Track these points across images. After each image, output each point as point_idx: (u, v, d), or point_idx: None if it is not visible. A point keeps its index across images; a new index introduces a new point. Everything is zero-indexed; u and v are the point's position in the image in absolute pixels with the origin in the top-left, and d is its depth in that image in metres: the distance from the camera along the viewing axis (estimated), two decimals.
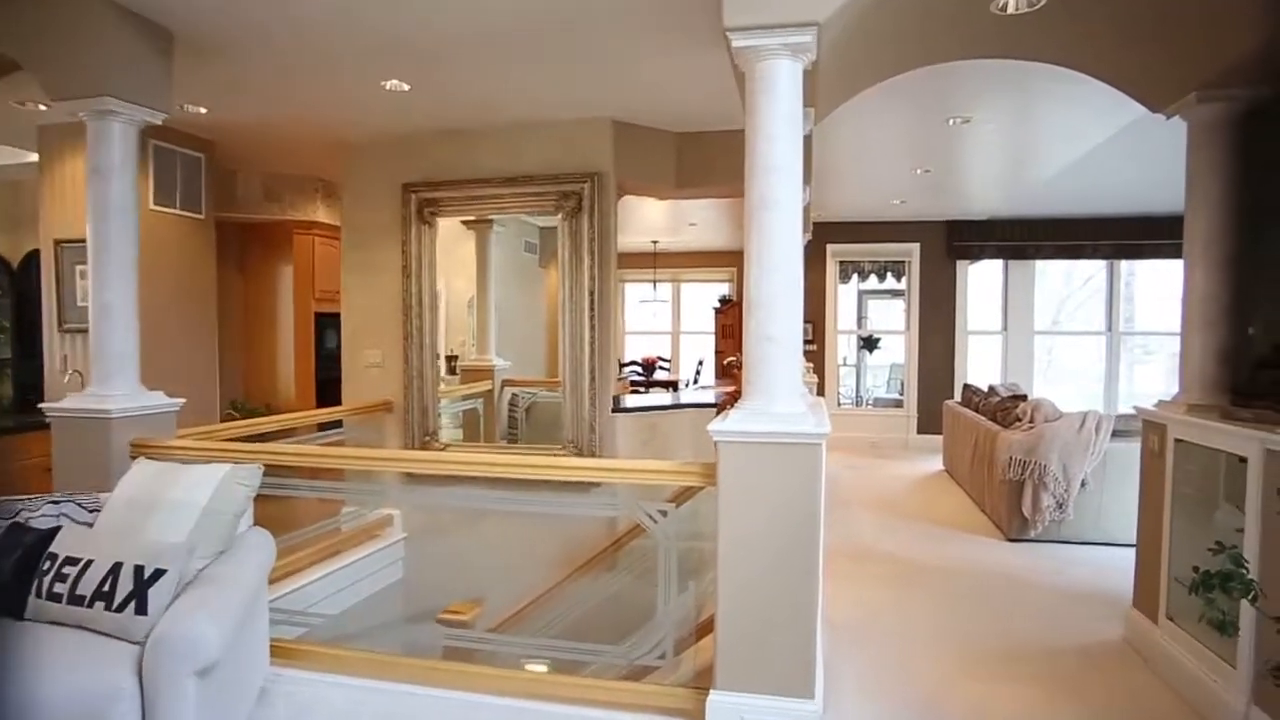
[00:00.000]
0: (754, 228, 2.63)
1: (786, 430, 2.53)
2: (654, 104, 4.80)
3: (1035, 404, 5.66)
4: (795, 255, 2.66)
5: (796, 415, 2.57)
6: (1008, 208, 8.83)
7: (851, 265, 9.91)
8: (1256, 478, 2.78)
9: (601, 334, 5.03)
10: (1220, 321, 3.39)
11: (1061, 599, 4.32)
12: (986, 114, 5.08)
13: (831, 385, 9.91)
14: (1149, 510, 3.63)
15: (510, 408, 6.29)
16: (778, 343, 2.60)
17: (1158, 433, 3.52)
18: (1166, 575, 3.41)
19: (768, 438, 2.54)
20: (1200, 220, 3.44)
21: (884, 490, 7.21)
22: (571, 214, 5.00)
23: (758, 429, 2.54)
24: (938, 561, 4.98)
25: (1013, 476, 5.35)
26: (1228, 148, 3.38)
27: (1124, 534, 5.20)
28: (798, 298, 2.65)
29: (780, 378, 2.61)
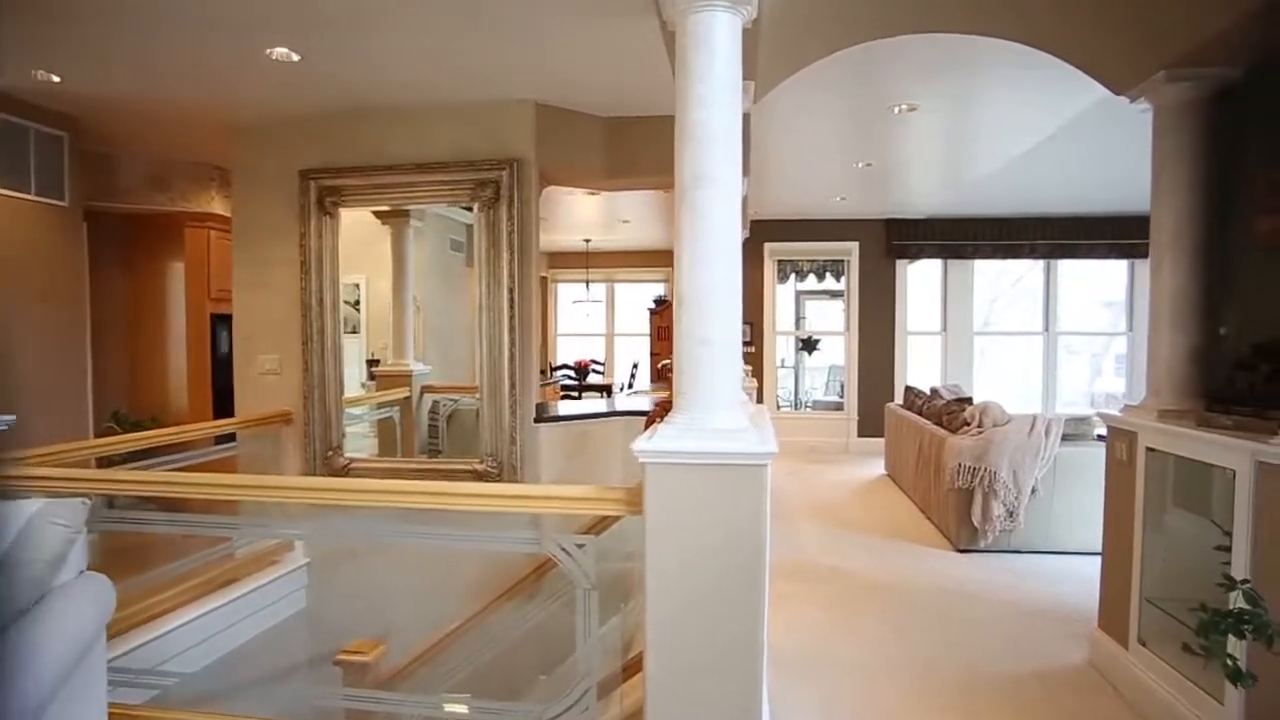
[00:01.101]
0: (686, 210, 2.23)
1: (725, 449, 2.12)
2: (580, 85, 4.38)
3: (983, 407, 5.41)
4: (734, 242, 2.26)
5: (737, 430, 2.17)
6: (947, 206, 8.68)
7: (790, 265, 9.64)
8: (1245, 492, 2.49)
9: (522, 336, 4.58)
10: (1190, 318, 3.12)
11: (1019, 617, 4.04)
12: (933, 102, 4.80)
13: (770, 388, 9.62)
14: (1116, 525, 3.35)
15: (431, 416, 5.78)
16: (714, 345, 2.20)
17: (1125, 440, 3.24)
18: (1138, 596, 3.13)
19: (703, 458, 2.13)
20: (1168, 209, 3.17)
21: (826, 498, 6.91)
22: (489, 204, 4.53)
23: (691, 448, 2.13)
24: (887, 577, 4.66)
25: (962, 484, 5.08)
26: (1196, 131, 3.12)
27: (1075, 542, 5.00)
28: (736, 292, 2.26)
29: (718, 386, 2.20)
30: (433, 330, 5.81)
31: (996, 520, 4.98)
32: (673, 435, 2.16)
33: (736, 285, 2.26)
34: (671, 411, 2.29)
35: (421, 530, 2.82)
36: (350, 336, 5.80)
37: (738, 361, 2.29)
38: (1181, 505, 3.09)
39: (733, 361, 2.25)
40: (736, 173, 2.27)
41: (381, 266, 5.50)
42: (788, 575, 4.68)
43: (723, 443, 2.13)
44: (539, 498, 2.40)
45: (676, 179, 2.28)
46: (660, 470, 2.17)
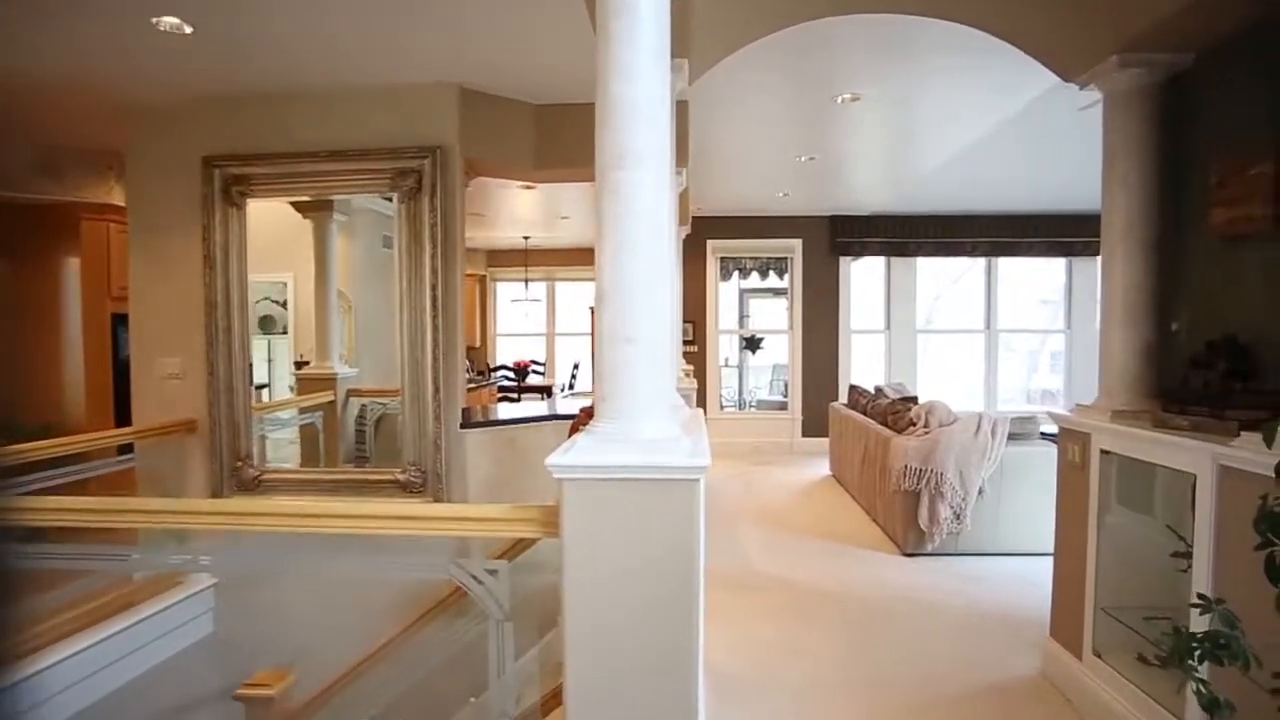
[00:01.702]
0: (607, 193, 1.98)
1: (652, 462, 1.88)
2: (507, 69, 4.09)
3: (929, 407, 5.29)
4: (662, 228, 2.02)
5: (666, 441, 1.93)
6: (891, 203, 8.61)
7: (733, 262, 9.47)
8: (1207, 497, 2.34)
9: (447, 336, 4.27)
10: (1143, 315, 2.99)
11: (969, 624, 3.89)
12: (876, 92, 4.64)
13: (713, 388, 9.44)
14: (1068, 531, 3.21)
15: (359, 422, 5.43)
16: (640, 345, 1.95)
17: (1078, 442, 3.10)
18: (1092, 606, 2.99)
19: (627, 472, 1.88)
20: (1119, 202, 3.04)
21: (770, 501, 6.74)
22: (410, 195, 4.22)
23: (613, 461, 1.88)
24: (833, 584, 4.48)
25: (908, 487, 4.94)
26: (1148, 120, 2.99)
27: (1022, 543, 4.91)
28: (665, 285, 2.02)
29: (644, 391, 1.96)
30: (366, 331, 5.46)
31: (944, 523, 4.85)
32: (592, 447, 1.91)
33: (665, 277, 2.02)
34: (592, 420, 2.03)
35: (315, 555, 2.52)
36: (278, 338, 5.44)
37: (667, 363, 2.05)
38: (1137, 509, 2.96)
39: (662, 363, 2.01)
40: (664, 151, 2.03)
41: (308, 263, 5.15)
42: (729, 585, 4.47)
43: (649, 455, 1.89)
44: (441, 519, 2.12)
45: (597, 159, 2.02)
46: (578, 487, 1.91)
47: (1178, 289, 3.01)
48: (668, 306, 2.04)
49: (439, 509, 2.06)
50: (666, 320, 2.03)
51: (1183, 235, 2.99)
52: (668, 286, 2.03)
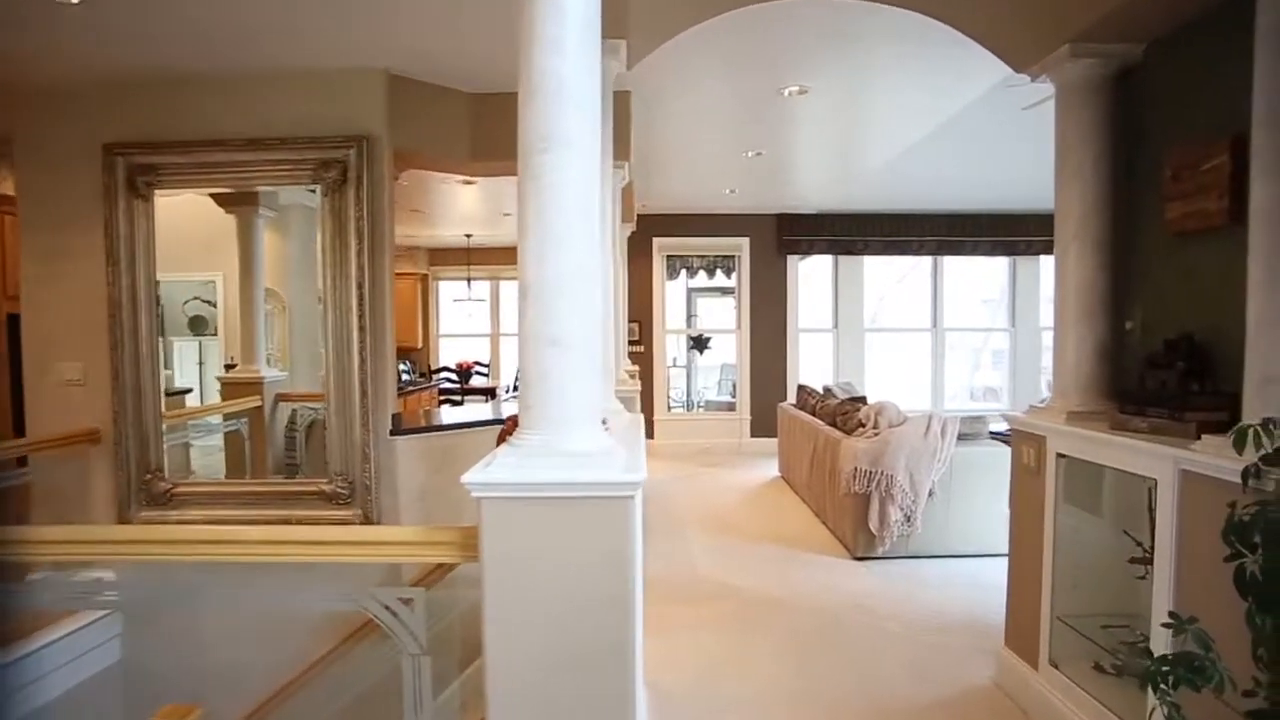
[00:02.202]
0: (530, 179, 1.78)
1: (581, 478, 1.69)
2: (439, 54, 3.85)
3: (878, 408, 5.19)
4: (591, 218, 1.83)
5: (597, 454, 1.74)
6: (838, 201, 8.55)
7: (680, 260, 9.32)
8: (1169, 503, 2.24)
9: (375, 337, 4.01)
10: (1098, 313, 2.90)
11: (921, 634, 3.77)
12: (824, 84, 4.51)
13: (661, 388, 9.28)
14: (1023, 537, 3.10)
15: (289, 428, 5.11)
16: (568, 348, 1.75)
17: (1033, 445, 2.99)
18: (1049, 615, 2.88)
19: (553, 490, 1.69)
20: (1073, 196, 2.94)
21: (718, 504, 6.59)
22: (334, 187, 3.94)
23: (536, 477, 1.68)
24: (782, 592, 4.34)
25: (858, 489, 4.83)
26: (1100, 112, 2.90)
27: (973, 545, 4.85)
28: (595, 282, 1.82)
29: (572, 399, 1.76)
30: (301, 332, 5.15)
31: (894, 526, 4.75)
32: (514, 463, 1.71)
33: (595, 273, 1.82)
34: (516, 430, 1.83)
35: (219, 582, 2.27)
36: (211, 339, 5.10)
37: (599, 367, 1.85)
38: (1093, 513, 2.86)
39: (592, 368, 1.81)
40: (595, 134, 1.83)
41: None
42: (674, 595, 4.30)
43: (577, 470, 1.70)
44: (346, 543, 1.89)
45: (520, 141, 1.83)
46: (498, 507, 1.71)
47: (1132, 286, 2.92)
48: (599, 305, 1.84)
49: (344, 533, 1.83)
50: (597, 321, 1.84)
51: (1137, 231, 2.90)
52: (598, 283, 1.83)
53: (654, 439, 9.07)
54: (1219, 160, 2.46)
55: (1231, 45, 2.48)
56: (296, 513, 4.07)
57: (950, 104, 4.98)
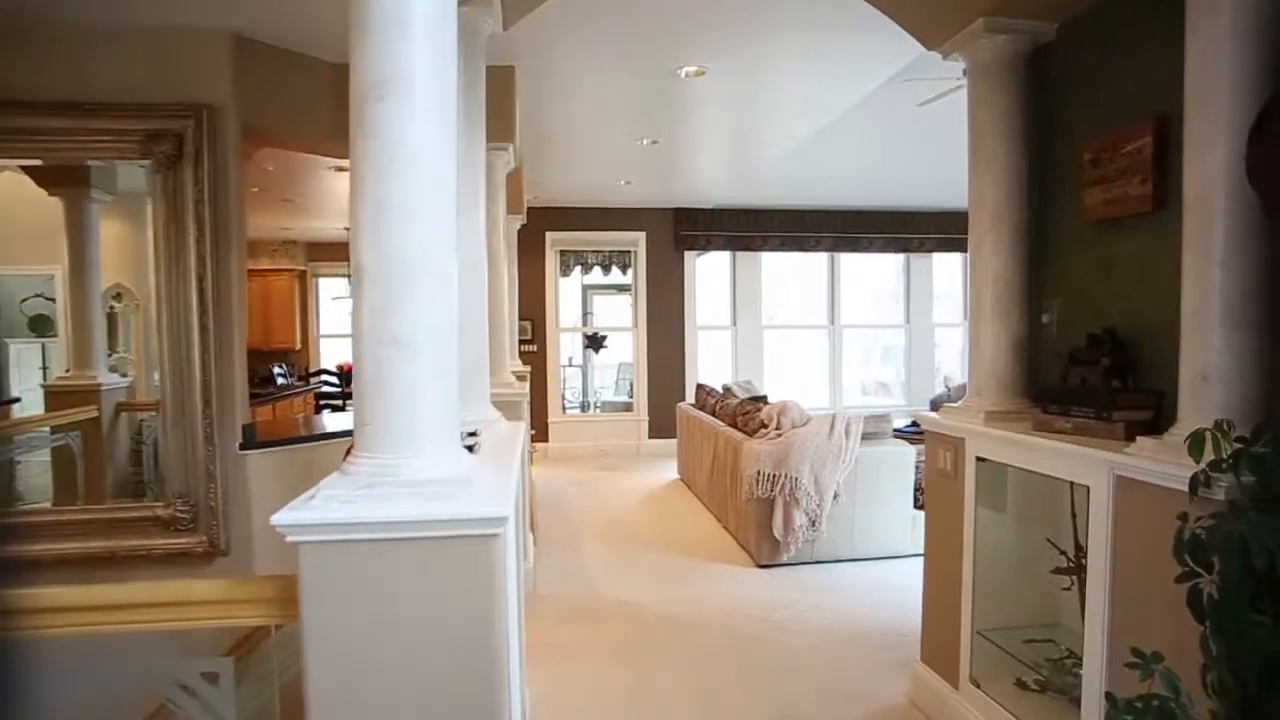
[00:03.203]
0: (365, 134, 1.40)
1: (430, 514, 1.32)
2: (296, 16, 3.37)
3: (781, 408, 4.98)
4: (444, 185, 1.46)
5: (452, 482, 1.37)
6: (736, 196, 8.39)
7: (573, 256, 8.95)
8: (1103, 511, 2.04)
9: (220, 339, 3.49)
10: (1015, 307, 2.72)
11: (831, 647, 3.56)
12: (722, 65, 4.24)
13: (555, 389, 8.89)
14: (939, 548, 2.91)
15: (135, 441, 4.47)
16: (413, 348, 1.38)
17: (950, 448, 2.79)
18: (969, 630, 2.68)
19: (393, 530, 1.32)
20: (987, 184, 2.75)
21: (616, 510, 6.28)
22: (167, 163, 3.39)
23: (371, 515, 1.31)
24: (684, 608, 4.05)
25: (761, 494, 4.60)
26: (1015, 93, 2.72)
27: (879, 547, 4.73)
28: (449, 263, 1.46)
29: (421, 413, 1.40)
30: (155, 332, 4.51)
31: (799, 531, 4.55)
32: (342, 496, 1.33)
33: (449, 253, 1.46)
34: (350, 453, 1.44)
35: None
36: (54, 341, 4.41)
37: (455, 371, 1.49)
38: (1013, 519, 2.68)
39: (445, 371, 1.44)
40: (447, 81, 1.46)
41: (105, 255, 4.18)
42: (570, 616, 3.95)
43: (425, 504, 1.33)
44: (119, 606, 1.45)
45: (352, 88, 1.44)
46: (321, 554, 1.32)
47: (1048, 279, 2.77)
48: (455, 295, 1.48)
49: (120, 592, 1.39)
50: (453, 314, 1.47)
51: (1053, 221, 2.74)
52: (452, 266, 1.46)
53: (548, 442, 8.68)
54: (1141, 143, 2.30)
55: (1149, 24, 2.33)
56: (127, 543, 3.50)
57: (848, 96, 4.83)
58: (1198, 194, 1.87)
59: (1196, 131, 1.88)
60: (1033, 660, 2.54)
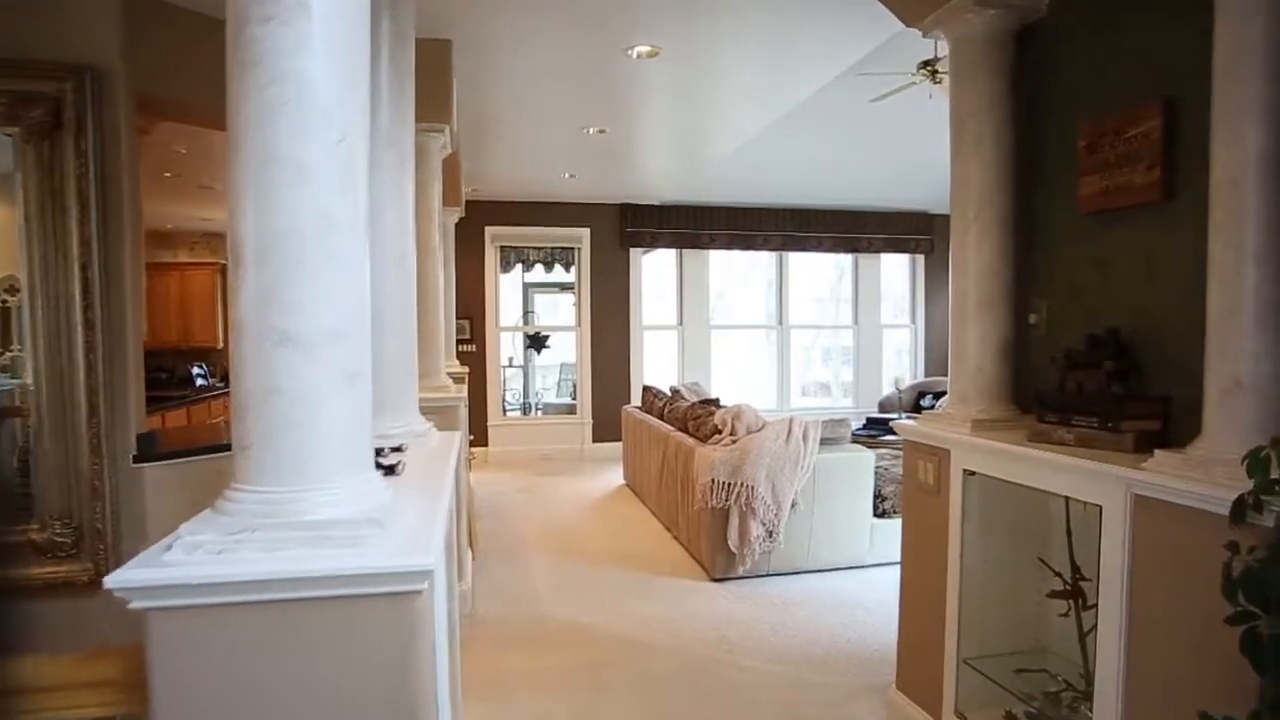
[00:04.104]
0: (243, 65, 1.11)
1: (328, 570, 1.00)
2: None
3: (735, 412, 4.73)
4: (356, 141, 1.13)
5: (359, 521, 1.05)
6: (684, 192, 8.14)
7: (515, 252, 8.57)
8: (1119, 534, 1.82)
9: (111, 336, 3.05)
10: (1002, 305, 2.50)
11: (794, 668, 3.30)
12: (676, 47, 3.97)
13: (495, 391, 8.50)
14: (919, 569, 2.67)
15: (21, 453, 3.96)
16: (310, 349, 1.06)
17: (932, 459, 2.56)
18: (954, 657, 2.44)
19: (276, 589, 0.99)
20: (972, 172, 2.52)
21: (561, 518, 5.95)
22: (40, 132, 2.93)
23: (247, 570, 0.98)
24: (635, 629, 3.76)
25: (715, 503, 4.33)
26: (1002, 74, 2.50)
27: (835, 558, 4.54)
28: (360, 239, 1.14)
29: (322, 432, 1.08)
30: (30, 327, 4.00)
31: (755, 542, 4.30)
32: (212, 544, 1.00)
33: (358, 228, 1.13)
34: (232, 484, 1.11)
35: None
36: None
37: (365, 377, 1.16)
38: (1002, 538, 2.45)
39: (354, 377, 1.12)
40: (359, 5, 1.14)
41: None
42: (512, 641, 3.62)
43: (325, 553, 1.00)
44: None
45: (229, 6, 1.11)
46: (179, 623, 0.98)
47: (1036, 275, 2.55)
48: (366, 279, 1.15)
49: None
50: (366, 306, 1.15)
51: (1043, 213, 2.53)
52: (362, 243, 1.14)
53: (488, 446, 8.30)
54: (1148, 125, 2.09)
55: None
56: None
57: (807, 84, 4.61)
58: (1229, 179, 1.67)
59: (1228, 107, 1.68)
60: (1025, 692, 2.32)
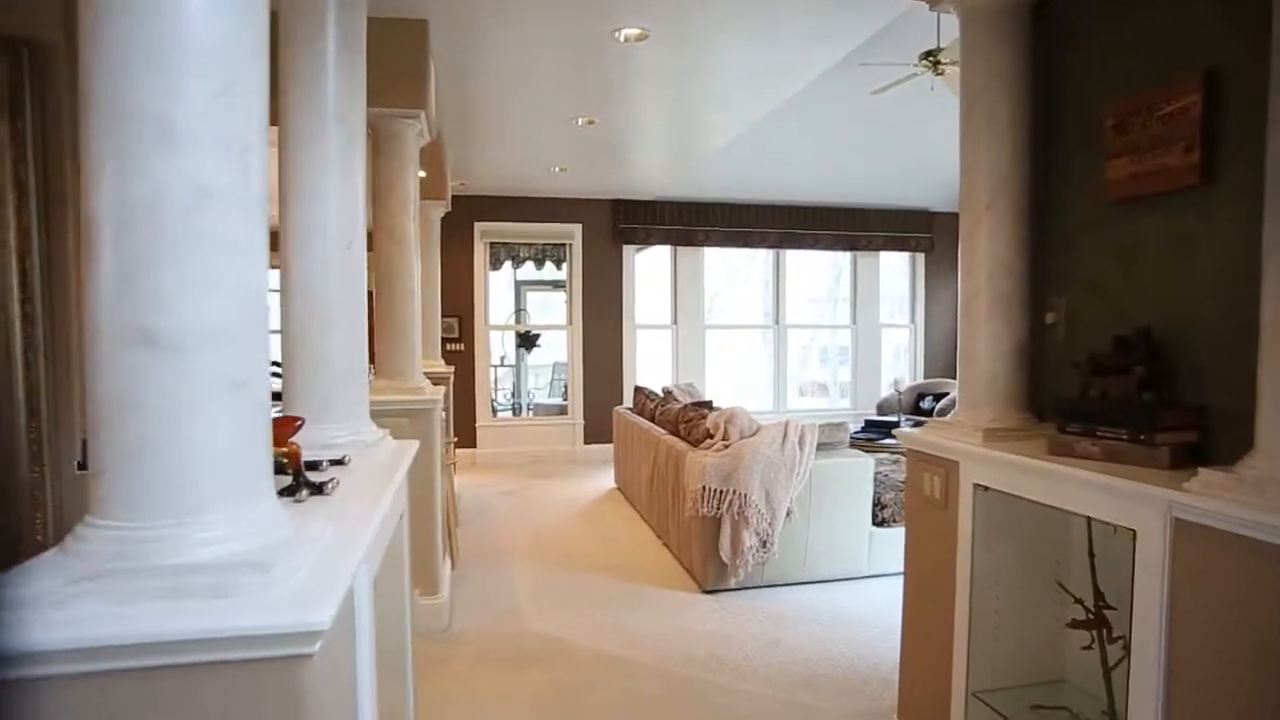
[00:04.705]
0: None
1: (177, 633, 0.78)
2: None
3: (728, 416, 4.51)
4: (240, 90, 0.91)
5: (234, 568, 0.84)
6: (678, 187, 7.92)
7: (505, 249, 8.34)
8: (1157, 561, 1.60)
9: (54, 334, 2.83)
10: (1016, 303, 2.28)
11: (790, 691, 3.09)
12: (666, 30, 3.75)
13: (484, 391, 8.28)
14: (924, 591, 2.45)
15: None
16: (179, 351, 0.84)
17: (939, 471, 2.34)
18: (962, 690, 2.23)
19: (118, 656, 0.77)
20: (983, 156, 2.30)
21: (547, 524, 5.73)
22: None
23: (79, 635, 0.76)
24: (620, 645, 3.54)
25: (707, 512, 4.12)
26: (1018, 46, 2.28)
27: (832, 569, 4.33)
28: (254, 219, 0.92)
29: (199, 451, 0.86)
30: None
31: (748, 553, 4.08)
32: (49, 594, 0.77)
33: (252, 202, 0.91)
34: (85, 516, 0.89)
35: None
36: None
37: (259, 384, 0.94)
38: (1013, 558, 2.24)
39: (241, 386, 0.90)
40: None
41: None
42: (490, 658, 3.40)
43: (186, 605, 0.78)
44: None
45: None
46: None
47: (1052, 271, 2.34)
48: (262, 265, 0.93)
49: None
50: (260, 298, 0.93)
51: (1062, 201, 2.32)
52: (258, 222, 0.92)
53: (476, 448, 8.08)
54: (1186, 102, 1.87)
55: None
56: None
57: (805, 70, 4.39)
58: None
59: None
60: None
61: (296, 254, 1.76)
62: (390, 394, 3.50)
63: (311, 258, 1.75)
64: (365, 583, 1.15)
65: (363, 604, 1.14)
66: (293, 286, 1.76)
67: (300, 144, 1.77)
